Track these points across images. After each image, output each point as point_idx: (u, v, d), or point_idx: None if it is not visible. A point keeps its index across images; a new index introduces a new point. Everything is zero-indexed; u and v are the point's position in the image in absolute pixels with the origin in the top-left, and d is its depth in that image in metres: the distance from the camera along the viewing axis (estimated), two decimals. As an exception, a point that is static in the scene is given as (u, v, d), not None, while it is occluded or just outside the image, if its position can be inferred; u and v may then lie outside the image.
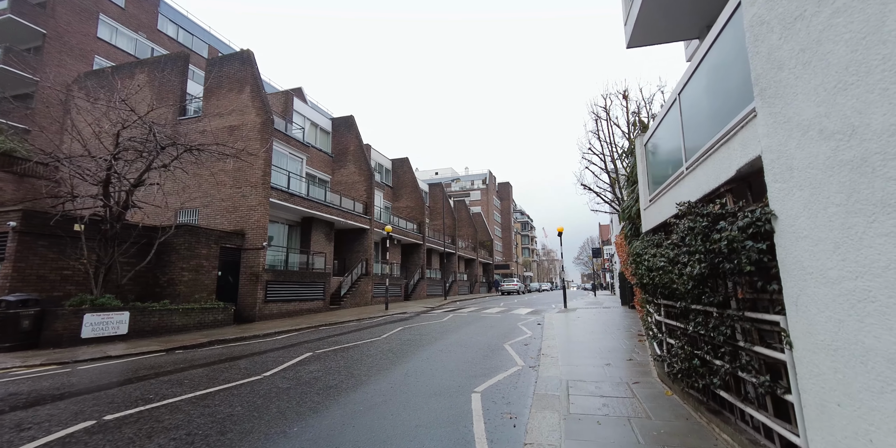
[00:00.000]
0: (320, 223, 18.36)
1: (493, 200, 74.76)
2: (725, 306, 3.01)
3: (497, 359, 7.00)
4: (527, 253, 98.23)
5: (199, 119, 15.31)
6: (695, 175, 3.61)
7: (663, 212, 4.60)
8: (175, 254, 11.84)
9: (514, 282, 42.36)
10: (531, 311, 17.60)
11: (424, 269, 28.29)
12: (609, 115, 20.89)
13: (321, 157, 21.76)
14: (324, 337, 10.01)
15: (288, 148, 17.33)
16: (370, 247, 21.07)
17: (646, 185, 5.44)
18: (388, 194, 28.82)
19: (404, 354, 7.38)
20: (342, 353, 7.54)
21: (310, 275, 16.30)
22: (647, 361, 6.35)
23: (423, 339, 9.20)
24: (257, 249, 13.87)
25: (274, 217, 16.76)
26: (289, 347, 8.46)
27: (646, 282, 4.67)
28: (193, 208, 14.95)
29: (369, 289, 20.51)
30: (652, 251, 4.50)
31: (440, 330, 10.96)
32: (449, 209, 37.81)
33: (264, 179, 14.21)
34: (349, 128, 22.67)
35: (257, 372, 6.07)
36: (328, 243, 18.81)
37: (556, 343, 8.29)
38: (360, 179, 21.92)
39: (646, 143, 5.45)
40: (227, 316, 12.24)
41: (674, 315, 4.39)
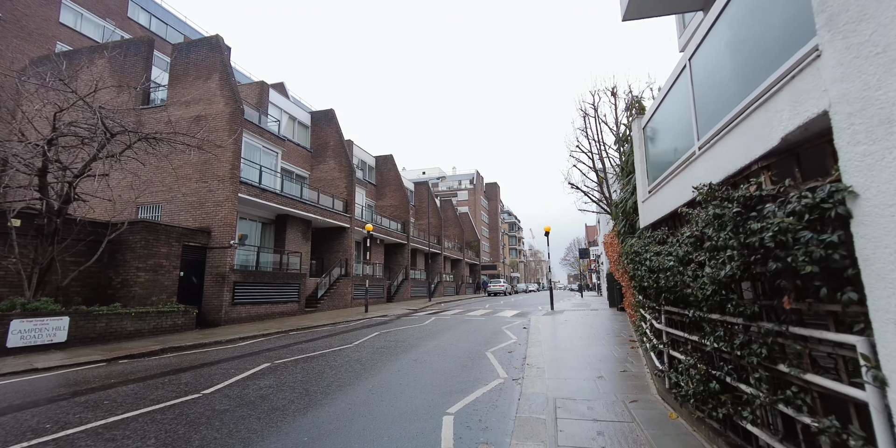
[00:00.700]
0: (296, 221, 17.42)
1: (480, 201, 74.26)
2: (758, 318, 2.33)
3: (477, 369, 6.28)
4: (514, 254, 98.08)
5: (163, 108, 14.26)
6: (712, 154, 2.93)
7: (667, 203, 3.94)
8: (130, 252, 10.83)
9: (501, 283, 41.79)
10: (517, 313, 16.96)
11: (409, 270, 27.47)
12: (597, 112, 20.43)
13: (299, 151, 20.79)
14: (290, 344, 9.16)
15: (261, 141, 16.36)
16: (350, 246, 20.19)
17: (644, 175, 4.78)
18: (371, 192, 27.94)
19: (374, 365, 6.60)
20: (304, 364, 6.72)
21: (283, 276, 15.37)
22: (642, 373, 5.69)
23: (399, 347, 8.43)
24: (224, 248, 12.90)
25: (245, 214, 15.79)
26: (247, 356, 7.60)
27: (646, 285, 4.00)
28: (156, 204, 13.90)
29: (349, 290, 19.62)
30: (655, 249, 3.82)
31: (419, 335, 10.20)
32: (435, 208, 37.07)
33: (232, 173, 13.25)
34: (329, 122, 21.75)
35: (198, 388, 5.22)
36: (305, 242, 17.88)
37: (543, 350, 7.60)
38: (341, 176, 21.01)
39: (644, 127, 4.79)
40: (189, 320, 11.27)
41: (681, 325, 3.72)
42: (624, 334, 9.43)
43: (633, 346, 7.70)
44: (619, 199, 6.30)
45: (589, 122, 20.63)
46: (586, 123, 20.58)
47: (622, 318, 12.72)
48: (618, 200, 6.50)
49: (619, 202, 6.33)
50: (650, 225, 4.64)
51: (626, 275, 9.29)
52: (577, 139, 21.59)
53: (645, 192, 4.79)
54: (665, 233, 3.95)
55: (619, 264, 9.50)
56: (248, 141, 15.79)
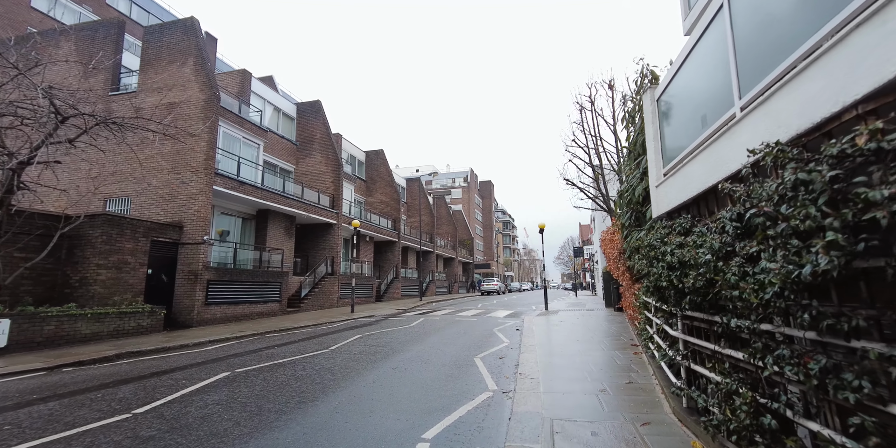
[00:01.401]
0: (278, 216, 16.56)
1: (474, 199, 73.59)
2: (859, 335, 1.59)
3: (463, 380, 5.53)
4: (508, 252, 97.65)
5: (133, 94, 13.34)
6: (765, 112, 2.20)
7: (691, 184, 3.22)
8: (90, 248, 9.95)
9: (495, 281, 41.15)
10: (510, 313, 16.26)
11: (399, 269, 26.68)
12: (594, 105, 19.78)
13: (283, 144, 19.90)
14: (262, 348, 8.37)
15: (241, 131, 15.48)
16: (337, 243, 19.36)
17: (658, 155, 4.05)
18: (360, 188, 27.08)
19: (346, 375, 5.83)
20: (268, 374, 5.94)
21: (263, 274, 14.52)
22: (651, 385, 4.98)
23: (379, 352, 7.67)
24: (197, 244, 12.04)
25: (223, 208, 14.91)
26: (208, 364, 6.80)
27: (663, 285, 3.27)
28: (125, 197, 12.99)
29: (335, 289, 18.80)
30: (676, 241, 3.10)
31: (403, 338, 9.44)
32: (427, 206, 36.29)
33: (207, 164, 12.38)
34: (316, 114, 20.88)
35: (131, 406, 4.43)
36: (288, 239, 17.03)
37: (537, 357, 6.88)
38: (327, 170, 20.15)
39: (658, 99, 4.06)
40: (156, 321, 10.42)
41: (709, 334, 3.00)
42: (624, 337, 8.74)
43: (637, 352, 7.00)
44: (625, 188, 5.58)
45: (585, 115, 19.97)
46: (582, 117, 19.92)
47: (620, 320, 12.06)
48: (622, 189, 5.78)
49: (624, 191, 5.61)
50: (666, 213, 3.92)
51: (628, 273, 8.60)
52: (573, 133, 20.84)
53: (659, 176, 4.06)
54: (688, 220, 3.22)
55: (620, 262, 8.81)
56: (227, 131, 14.91)
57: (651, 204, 4.44)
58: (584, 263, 55.31)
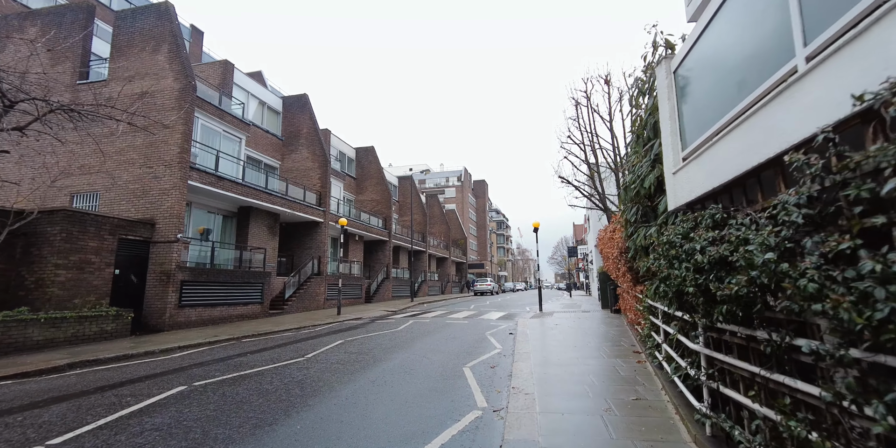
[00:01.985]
0: (261, 214, 15.80)
1: (468, 198, 73.04)
2: None
3: (450, 396, 4.89)
4: (502, 252, 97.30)
5: (104, 84, 12.52)
6: (862, 48, 1.57)
7: (723, 167, 2.61)
8: (48, 247, 9.16)
9: (488, 282, 40.59)
10: (503, 315, 15.65)
11: (390, 269, 25.98)
12: (590, 101, 19.25)
13: (268, 139, 19.12)
14: (232, 356, 7.66)
15: (222, 125, 14.71)
16: (324, 243, 18.63)
17: (676, 137, 3.44)
18: (350, 186, 26.33)
19: (318, 390, 5.16)
20: (229, 388, 5.25)
21: (244, 274, 13.77)
22: (661, 403, 4.37)
23: (359, 361, 7.00)
24: (170, 242, 11.27)
25: (202, 205, 14.14)
26: (166, 375, 6.09)
27: (688, 290, 2.65)
28: (93, 192, 12.17)
29: (321, 290, 18.07)
30: (708, 236, 2.48)
31: (388, 344, 8.78)
32: (419, 204, 35.61)
33: (181, 157, 11.61)
34: (302, 108, 20.11)
35: (50, 434, 3.73)
36: (271, 238, 16.27)
37: (531, 366, 6.26)
38: (314, 166, 19.41)
39: (676, 70, 3.45)
40: (122, 326, 9.66)
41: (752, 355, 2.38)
42: (624, 343, 8.15)
43: (640, 361, 6.41)
44: (631, 180, 4.97)
45: (581, 111, 19.44)
46: (578, 112, 19.38)
47: (618, 323, 11.50)
48: (628, 181, 5.17)
49: (630, 183, 5.00)
50: (686, 205, 3.30)
51: (629, 274, 8.01)
52: (568, 129, 20.30)
53: (676, 161, 3.45)
54: (721, 212, 2.60)
55: (620, 262, 8.23)
56: (206, 124, 14.14)
57: (666, 195, 3.83)
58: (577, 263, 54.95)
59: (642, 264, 5.07)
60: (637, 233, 4.84)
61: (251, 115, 18.55)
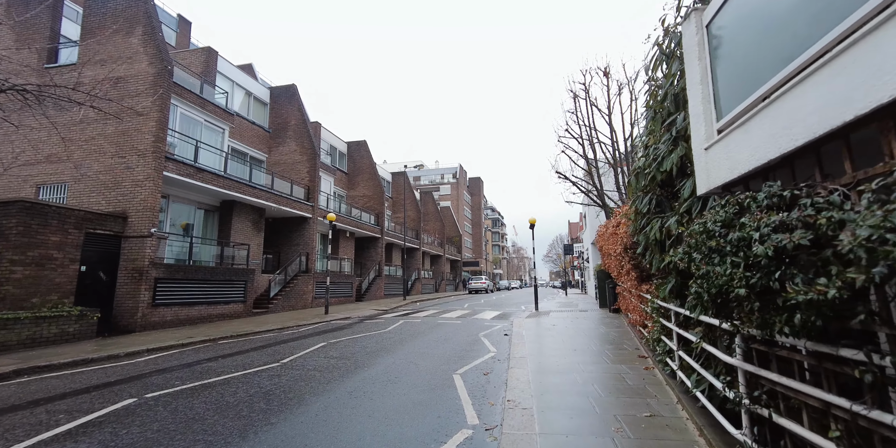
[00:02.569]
0: (245, 209, 15.07)
1: (463, 195, 72.44)
2: None
3: (436, 410, 4.27)
4: (497, 250, 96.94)
5: (73, 67, 11.73)
6: None
7: (782, 134, 2.01)
8: (3, 241, 8.41)
9: (483, 280, 40.01)
10: (498, 314, 15.07)
11: (382, 266, 25.31)
12: (588, 94, 18.66)
13: (254, 131, 18.35)
14: (201, 360, 7.00)
15: (203, 114, 13.95)
16: (313, 239, 17.92)
17: (709, 104, 2.83)
18: (341, 181, 25.59)
19: (285, 404, 4.52)
20: (184, 401, 4.60)
21: (226, 271, 13.06)
22: (679, 420, 3.77)
23: (339, 368, 6.36)
24: (143, 237, 10.55)
25: (181, 198, 13.39)
26: (119, 384, 5.42)
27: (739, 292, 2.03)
28: (61, 183, 11.40)
29: (309, 289, 17.38)
30: (770, 220, 1.87)
31: (375, 347, 8.15)
32: (413, 201, 34.93)
33: (156, 146, 10.87)
34: (290, 99, 19.35)
35: (-51, 464, 3.07)
36: (256, 233, 15.55)
37: (528, 373, 5.66)
38: (302, 159, 18.67)
39: (709, 23, 2.83)
40: (87, 327, 8.95)
41: (828, 379, 1.77)
42: (627, 345, 7.58)
43: (648, 367, 5.82)
44: (644, 164, 4.36)
45: (579, 104, 18.84)
46: (576, 105, 18.78)
47: (618, 323, 10.94)
48: (639, 166, 4.56)
49: (643, 168, 4.38)
50: (724, 186, 2.69)
51: (634, 272, 7.42)
52: (566, 122, 19.64)
53: (710, 134, 2.83)
54: (792, 188, 1.98)
55: (624, 259, 7.64)
56: (186, 113, 13.38)
57: (690, 178, 3.23)
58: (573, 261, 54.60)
59: (656, 261, 4.47)
60: (651, 225, 4.23)
61: (236, 105, 17.77)
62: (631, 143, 18.28)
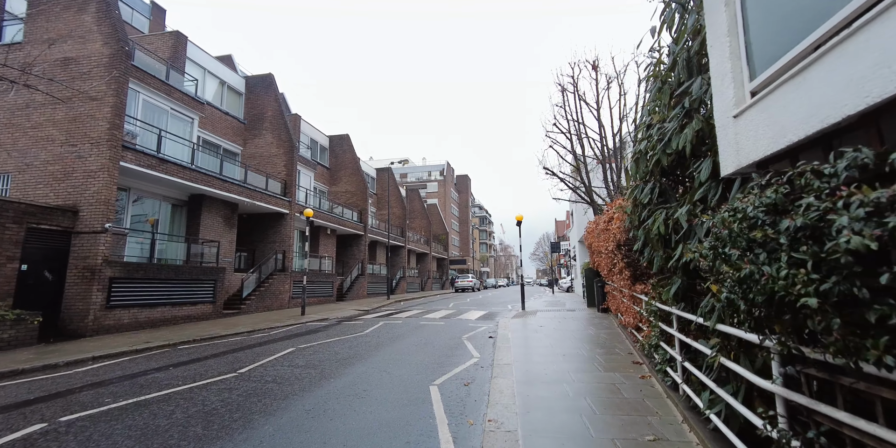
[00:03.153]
0: (216, 203, 14.17)
1: (450, 193, 71.84)
2: None
3: (405, 434, 3.64)
4: (484, 248, 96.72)
5: (19, 46, 10.70)
6: None
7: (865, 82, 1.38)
8: (-74, 237, 7.47)
9: (469, 278, 39.45)
10: (483, 314, 14.50)
11: (365, 265, 24.53)
12: (577, 87, 18.19)
13: (228, 122, 17.38)
14: (149, 370, 6.23)
15: (169, 102, 13.00)
16: (290, 236, 17.08)
17: (739, 60, 2.24)
18: (323, 176, 24.69)
19: (224, 429, 3.83)
20: (103, 426, 3.87)
21: (192, 270, 12.19)
22: (688, 446, 3.21)
23: (302, 379, 5.67)
24: (96, 233, 9.64)
25: (145, 192, 12.46)
26: (38, 402, 4.65)
27: (810, 302, 1.43)
28: (3, 173, 10.39)
29: (286, 288, 16.55)
30: (871, 196, 1.26)
31: (347, 353, 7.47)
32: (399, 198, 34.16)
33: (111, 134, 9.95)
34: (267, 88, 18.41)
35: None
36: (228, 230, 14.66)
37: (513, 384, 5.06)
38: (279, 152, 17.78)
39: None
40: (26, 332, 8.06)
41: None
42: (620, 350, 7.05)
43: (644, 376, 5.28)
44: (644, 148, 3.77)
45: (567, 97, 18.36)
46: (564, 99, 18.29)
47: (608, 324, 10.45)
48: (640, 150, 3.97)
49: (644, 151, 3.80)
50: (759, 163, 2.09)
51: (628, 270, 6.90)
52: (554, 117, 19.10)
53: (740, 98, 2.25)
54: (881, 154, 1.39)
55: (617, 257, 7.10)
56: (150, 100, 12.44)
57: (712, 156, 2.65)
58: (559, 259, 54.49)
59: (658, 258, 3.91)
60: (654, 217, 3.65)
61: (209, 95, 16.79)
62: (619, 139, 17.92)
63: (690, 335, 4.01)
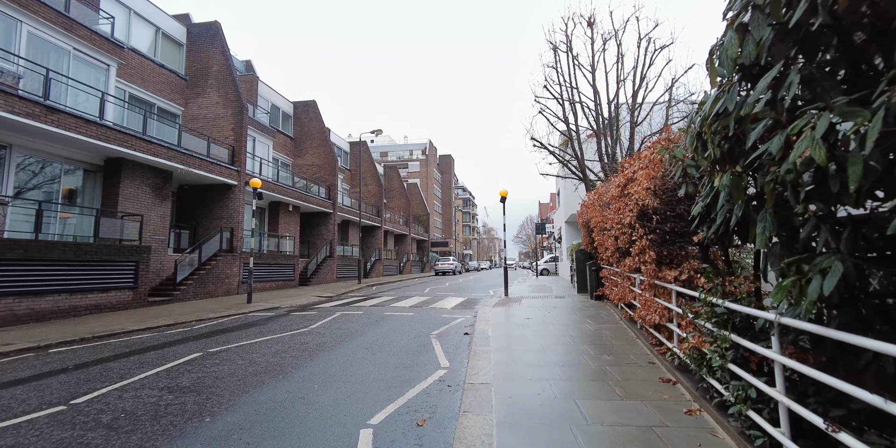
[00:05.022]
0: (141, 170, 11.72)
1: (433, 173, 69.40)
2: None
3: None
4: (467, 231, 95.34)
5: None
6: None
7: None
8: None
9: (450, 261, 37.77)
10: (462, 301, 12.69)
11: (335, 246, 22.36)
12: (570, 46, 16.01)
13: (163, 76, 14.65)
14: (-57, 398, 4.12)
15: (70, 40, 10.36)
16: (239, 211, 14.74)
17: None
18: (285, 146, 22.10)
19: None
20: None
21: (100, 250, 9.88)
22: None
23: (163, 417, 3.67)
24: (-56, 200, 7.24)
25: (38, 151, 9.96)
26: None
27: None
28: None
29: (234, 271, 14.34)
30: None
31: (264, 363, 5.48)
32: (375, 174, 31.75)
33: (-38, 67, 7.42)
34: (212, 40, 15.64)
35: None
36: (159, 202, 12.27)
37: (492, 428, 3.17)
38: (226, 114, 15.21)
39: None
40: None
41: None
42: (634, 355, 5.27)
43: (692, 410, 3.46)
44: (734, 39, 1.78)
45: (560, 58, 16.18)
46: (556, 59, 16.10)
47: (606, 315, 8.74)
48: (726, 43, 1.98)
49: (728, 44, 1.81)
50: None
51: (651, 250, 5.03)
52: (545, 78, 16.99)
53: None
54: None
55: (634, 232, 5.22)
56: (39, 34, 9.81)
57: None
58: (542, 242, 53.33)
59: (768, 228, 1.98)
60: (785, 136, 1.70)
61: (141, 43, 14.00)
62: (616, 107, 15.98)
63: (811, 361, 2.17)
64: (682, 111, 15.23)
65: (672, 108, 15.57)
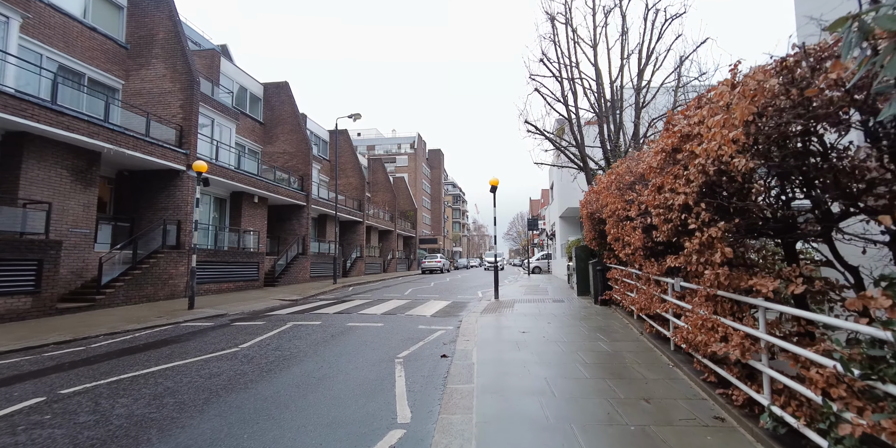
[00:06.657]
0: (53, 148, 9.64)
1: (421, 168, 67.40)
2: None
3: None
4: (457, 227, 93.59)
5: None
6: None
7: None
8: None
9: (438, 258, 35.89)
10: (445, 306, 10.88)
11: (308, 242, 20.35)
12: (570, 16, 14.24)
13: (97, 42, 12.48)
14: None
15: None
16: (188, 202, 12.68)
17: None
18: (253, 132, 19.99)
19: None
20: None
21: None
22: None
23: None
24: None
25: None
26: None
27: None
28: None
29: (179, 270, 12.29)
30: None
31: (134, 415, 3.59)
32: (357, 165, 29.70)
33: None
34: (158, 2, 13.47)
35: None
36: (81, 189, 10.19)
37: None
38: (174, 88, 13.10)
39: None
40: None
41: None
42: (679, 397, 3.50)
43: None
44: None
45: (557, 29, 14.39)
46: (554, 30, 14.30)
47: (618, 326, 6.99)
48: None
49: None
50: None
51: (720, 244, 3.23)
52: (541, 50, 15.10)
53: None
54: None
55: (687, 219, 3.41)
56: None
57: None
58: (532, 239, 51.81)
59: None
60: None
61: (72, 4, 11.82)
62: (621, 88, 14.28)
63: None
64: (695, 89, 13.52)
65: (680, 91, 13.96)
